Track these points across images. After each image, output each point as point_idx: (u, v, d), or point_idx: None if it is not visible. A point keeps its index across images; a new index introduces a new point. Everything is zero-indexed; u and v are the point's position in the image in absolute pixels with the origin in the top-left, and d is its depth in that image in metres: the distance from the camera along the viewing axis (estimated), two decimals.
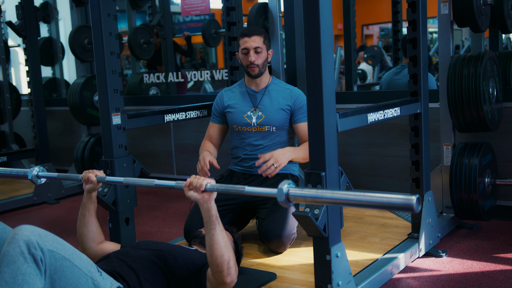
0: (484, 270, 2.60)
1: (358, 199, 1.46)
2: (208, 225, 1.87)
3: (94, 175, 2.16)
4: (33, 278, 1.47)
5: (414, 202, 1.34)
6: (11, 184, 4.98)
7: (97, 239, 2.23)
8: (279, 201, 1.59)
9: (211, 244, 1.85)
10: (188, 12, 4.63)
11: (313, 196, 1.55)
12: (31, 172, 2.23)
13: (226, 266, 1.85)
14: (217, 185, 1.83)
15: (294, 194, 1.57)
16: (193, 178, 1.85)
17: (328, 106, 2.01)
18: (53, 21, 5.60)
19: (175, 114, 3.00)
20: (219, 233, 1.87)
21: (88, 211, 2.21)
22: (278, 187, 1.59)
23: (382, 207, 1.43)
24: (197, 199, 1.85)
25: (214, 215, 1.87)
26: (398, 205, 1.38)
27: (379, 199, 1.41)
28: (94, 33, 2.55)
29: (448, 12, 3.08)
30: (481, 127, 2.98)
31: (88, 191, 2.20)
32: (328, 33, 1.99)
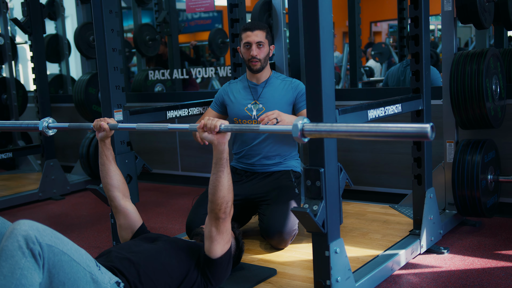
0: (485, 267, 2.60)
1: (373, 130, 1.46)
2: (217, 166, 1.92)
3: (106, 123, 2.17)
4: (31, 272, 1.49)
5: (428, 129, 1.35)
6: (17, 180, 5.03)
7: (122, 188, 2.25)
8: (294, 136, 1.60)
9: (217, 184, 1.92)
10: (192, 9, 4.63)
11: (327, 130, 1.56)
12: (42, 124, 2.22)
13: (225, 205, 1.94)
14: (231, 125, 1.87)
15: (309, 129, 1.58)
16: (207, 119, 1.89)
17: (327, 103, 2.01)
18: (59, 18, 5.63)
19: (178, 110, 3.01)
20: (226, 175, 1.93)
21: (106, 158, 2.23)
22: (293, 123, 1.59)
23: (396, 136, 1.44)
24: (212, 140, 1.89)
25: (225, 158, 1.92)
26: (412, 134, 1.39)
27: (393, 129, 1.42)
28: (96, 29, 2.57)
29: (451, 9, 3.07)
30: (483, 124, 2.97)
31: (101, 139, 2.22)
32: (327, 29, 2.00)
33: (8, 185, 4.82)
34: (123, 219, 2.24)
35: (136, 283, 1.84)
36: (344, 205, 3.50)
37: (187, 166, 4.87)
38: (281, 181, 2.88)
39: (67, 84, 5.85)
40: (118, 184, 2.24)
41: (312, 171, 2.03)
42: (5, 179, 5.08)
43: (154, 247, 2.01)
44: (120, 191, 2.25)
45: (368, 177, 3.92)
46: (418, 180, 2.84)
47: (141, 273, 1.87)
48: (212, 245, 1.98)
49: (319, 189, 2.02)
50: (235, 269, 2.41)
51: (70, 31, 6.86)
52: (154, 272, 1.90)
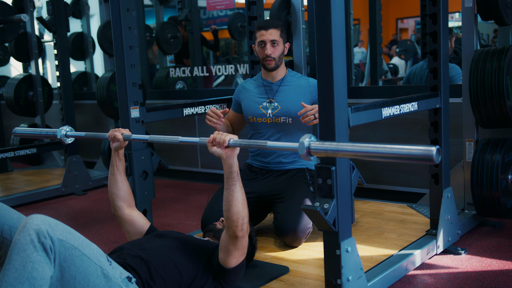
0: (503, 269, 2.55)
1: (378, 151, 1.48)
2: (229, 180, 1.93)
3: (120, 133, 2.22)
4: (42, 266, 1.53)
5: (434, 153, 1.36)
6: (41, 175, 5.14)
7: (128, 199, 2.29)
8: (300, 154, 1.61)
9: (230, 199, 1.92)
10: (213, 7, 4.65)
11: (334, 149, 1.58)
12: (60, 132, 2.29)
13: (241, 222, 1.92)
14: (240, 140, 1.89)
15: (315, 147, 1.60)
16: (216, 134, 1.91)
17: (339, 100, 2.00)
18: (84, 17, 5.73)
19: (194, 108, 3.03)
20: (239, 189, 1.93)
21: (117, 169, 2.28)
22: (300, 141, 1.61)
23: (401, 158, 1.45)
24: (221, 155, 1.91)
25: (236, 172, 1.93)
26: (417, 156, 1.41)
27: (399, 150, 1.44)
28: (113, 27, 2.61)
29: (472, 5, 3.02)
30: (504, 123, 2.91)
31: (115, 149, 2.27)
32: (339, 26, 1.98)
33: (33, 180, 4.93)
34: (129, 226, 2.28)
35: (148, 280, 1.87)
36: (361, 204, 3.48)
37: (206, 163, 4.90)
38: (296, 179, 2.87)
39: (91, 82, 5.95)
40: (124, 195, 2.28)
41: (323, 169, 2.02)
42: (30, 174, 5.20)
43: (165, 244, 2.03)
44: (125, 202, 2.28)
45: (386, 176, 3.88)
46: (435, 179, 2.81)
47: (152, 270, 1.89)
48: (227, 258, 1.99)
49: (330, 187, 2.01)
50: (248, 266, 2.42)
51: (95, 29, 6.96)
52: (164, 269, 1.92)
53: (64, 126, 2.30)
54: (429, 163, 1.36)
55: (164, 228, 3.52)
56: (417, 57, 9.02)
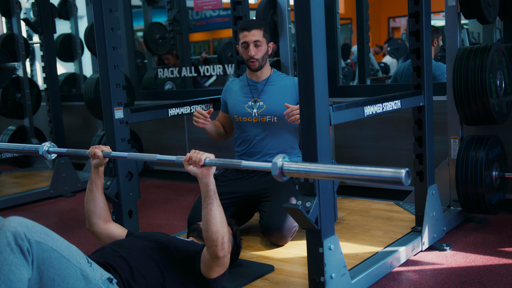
0: (487, 264, 2.57)
1: (349, 173, 1.50)
2: (205, 199, 1.91)
3: (100, 150, 2.21)
4: (20, 268, 1.52)
5: (403, 175, 1.37)
6: (30, 177, 5.12)
7: (104, 216, 2.28)
8: (273, 175, 1.62)
9: (208, 219, 1.89)
10: (200, 7, 4.66)
11: (306, 170, 1.59)
12: (42, 148, 2.29)
13: (221, 241, 1.89)
14: (216, 159, 1.87)
15: (288, 168, 1.60)
16: (193, 152, 1.90)
17: (320, 99, 2.01)
18: (72, 18, 5.71)
19: (179, 108, 3.03)
20: (216, 208, 1.90)
21: (95, 186, 2.26)
22: (273, 161, 1.61)
23: (372, 180, 1.47)
24: (196, 174, 1.89)
25: (212, 190, 1.90)
26: (387, 179, 1.42)
27: (369, 172, 1.45)
28: (96, 28, 2.60)
29: (455, 4, 3.03)
30: (488, 120, 2.93)
31: (95, 166, 2.26)
32: (319, 25, 1.99)
33: (21, 182, 4.91)
34: (107, 238, 2.26)
35: (129, 279, 1.87)
36: (348, 202, 3.49)
37: None
38: None
39: (80, 83, 5.93)
40: (100, 212, 2.26)
41: None
42: (18, 177, 5.18)
43: (148, 244, 2.03)
44: (101, 218, 2.27)
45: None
46: (420, 176, 2.82)
47: (133, 270, 1.89)
48: (209, 272, 1.97)
49: (312, 185, 2.02)
50: (233, 265, 2.42)
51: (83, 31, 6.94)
52: (146, 269, 1.92)
53: (46, 142, 2.30)
54: (399, 185, 1.38)
55: (153, 229, 3.52)
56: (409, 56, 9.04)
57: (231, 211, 2.89)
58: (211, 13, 11.75)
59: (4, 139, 5.37)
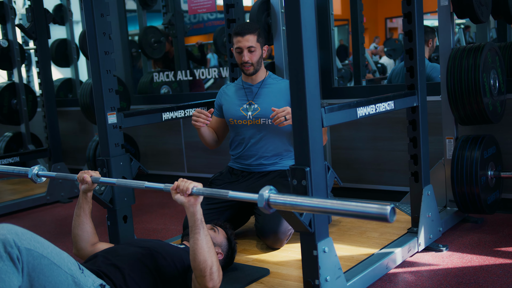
0: (483, 264, 2.56)
1: (335, 208, 1.51)
2: (192, 229, 1.88)
3: (89, 176, 2.20)
4: (9, 276, 1.51)
5: (388, 212, 1.37)
6: (26, 183, 5.10)
7: (91, 240, 2.26)
8: (259, 207, 1.61)
9: (195, 248, 1.86)
10: (194, 10, 4.65)
11: (292, 203, 1.59)
12: (31, 171, 2.29)
13: (209, 271, 1.86)
14: (203, 189, 1.86)
15: (274, 200, 1.61)
16: (180, 181, 1.88)
17: (312, 101, 2.00)
18: (67, 23, 5.70)
19: (173, 112, 3.03)
20: (203, 237, 1.88)
21: (83, 211, 2.25)
22: (259, 193, 1.60)
23: (357, 216, 1.48)
24: (183, 203, 1.87)
25: (199, 219, 1.88)
26: (373, 215, 1.42)
27: (355, 208, 1.46)
28: (88, 33, 2.60)
29: (447, 4, 3.03)
30: (482, 119, 2.93)
31: (83, 191, 2.24)
32: (310, 27, 1.99)
33: (17, 189, 4.90)
34: None
35: (122, 286, 1.86)
36: None
37: (193, 167, 4.89)
38: (277, 181, 2.87)
39: (76, 88, 5.92)
40: (87, 237, 2.25)
41: (298, 170, 2.02)
42: (15, 183, 5.17)
43: (141, 251, 2.02)
44: (88, 242, 2.25)
45: (371, 175, 3.89)
46: (415, 177, 2.82)
47: (126, 276, 1.88)
48: None
49: (305, 188, 2.01)
50: (228, 269, 2.41)
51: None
52: (139, 275, 1.91)
53: (35, 165, 2.30)
54: (384, 221, 1.38)
55: (149, 234, 3.51)
56: None
57: (226, 215, 2.88)
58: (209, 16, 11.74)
59: (1, 146, 5.36)
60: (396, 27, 15.19)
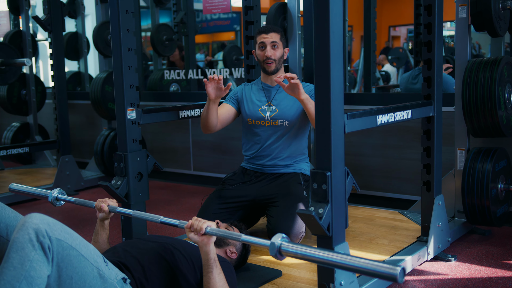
0: (492, 276, 2.59)
1: (346, 263, 1.50)
2: (206, 267, 1.92)
3: (107, 205, 2.20)
4: (40, 265, 1.53)
5: (397, 273, 1.37)
6: (33, 174, 5.12)
7: None
8: (271, 254, 1.63)
9: (209, 287, 1.91)
10: (209, 10, 4.67)
11: (304, 253, 1.59)
12: (52, 195, 2.29)
13: None
14: (216, 229, 1.87)
15: (286, 249, 1.60)
16: (194, 220, 1.90)
17: (336, 107, 2.03)
18: (79, 16, 5.72)
19: (190, 110, 3.05)
20: (216, 276, 1.92)
21: (100, 238, 2.24)
22: (271, 241, 1.61)
23: (367, 274, 1.46)
24: (197, 242, 1.90)
25: (212, 259, 1.91)
26: (382, 274, 1.42)
27: (366, 265, 1.45)
28: (112, 29, 2.62)
29: (466, 16, 3.07)
30: (495, 132, 2.96)
31: (100, 219, 2.23)
32: (337, 33, 2.01)
33: (24, 179, 4.91)
34: None
35: (142, 279, 1.88)
36: (353, 210, 3.51)
37: (199, 166, 4.91)
38: (290, 183, 2.90)
39: (85, 82, 5.94)
40: None
41: (319, 174, 2.05)
42: (21, 173, 5.18)
43: (160, 246, 2.05)
44: None
45: (378, 182, 3.92)
46: (427, 186, 2.84)
47: (146, 270, 1.90)
48: None
49: (325, 192, 2.03)
50: (241, 269, 2.43)
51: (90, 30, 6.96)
52: (158, 269, 1.94)
53: (56, 189, 2.29)
54: (393, 281, 1.39)
55: (157, 230, 3.52)
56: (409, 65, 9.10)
57: (238, 215, 2.91)
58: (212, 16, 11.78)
59: (8, 136, 5.38)
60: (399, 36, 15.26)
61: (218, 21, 12.36)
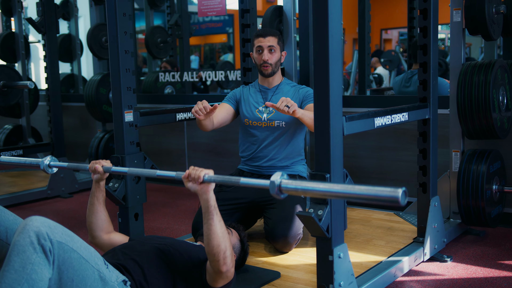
0: (488, 276, 2.62)
1: (347, 192, 1.50)
2: (206, 215, 1.91)
3: (101, 166, 2.22)
4: (42, 268, 1.53)
5: (399, 195, 1.36)
6: (26, 177, 5.09)
7: (106, 228, 2.28)
8: (271, 193, 1.63)
9: (209, 234, 1.90)
10: (204, 13, 4.68)
11: (303, 188, 1.59)
12: (43, 162, 2.30)
13: (222, 255, 1.89)
14: (215, 176, 1.87)
15: (286, 186, 1.60)
16: (192, 169, 1.89)
17: (335, 109, 2.04)
18: (72, 18, 5.71)
19: (187, 113, 3.05)
20: (217, 223, 1.91)
21: (97, 200, 2.27)
22: (271, 179, 1.62)
23: (369, 199, 1.46)
24: (196, 190, 1.89)
25: (212, 206, 1.91)
26: (384, 198, 1.41)
27: (366, 191, 1.44)
28: (109, 31, 2.62)
29: (460, 20, 3.10)
30: (490, 134, 2.99)
31: (96, 180, 2.26)
32: (336, 37, 2.03)
33: (17, 182, 4.89)
34: (110, 248, 2.25)
35: (142, 281, 1.88)
36: (349, 211, 3.53)
37: None
38: None
39: (78, 84, 5.92)
40: (102, 224, 2.27)
41: (318, 176, 2.06)
42: (14, 176, 5.15)
43: (158, 247, 2.05)
44: (103, 230, 2.27)
45: (375, 184, 3.90)
46: (423, 188, 2.87)
47: (145, 271, 1.90)
48: (214, 283, 1.98)
49: None
50: (240, 271, 2.44)
51: (82, 32, 6.94)
52: (158, 271, 1.94)
53: (47, 156, 2.30)
54: (395, 205, 1.39)
55: (154, 232, 3.52)
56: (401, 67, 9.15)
57: (235, 217, 2.91)
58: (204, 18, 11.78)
59: (0, 138, 5.35)
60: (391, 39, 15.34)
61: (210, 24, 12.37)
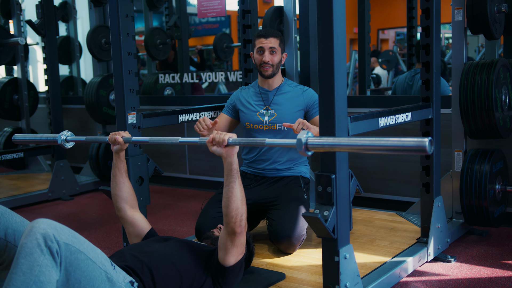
0: (492, 276, 2.62)
1: (374, 144, 1.52)
2: (228, 177, 1.95)
3: (121, 136, 2.23)
4: (49, 270, 1.52)
5: (426, 143, 1.39)
6: (26, 180, 5.08)
7: (130, 200, 2.30)
8: (298, 151, 1.64)
9: (230, 196, 1.94)
10: (204, 14, 4.68)
11: (330, 143, 1.61)
12: (60, 137, 2.29)
13: (240, 218, 1.95)
14: (239, 139, 1.92)
15: (312, 143, 1.62)
16: (216, 133, 1.94)
17: (340, 110, 2.04)
18: (71, 20, 5.69)
19: (189, 114, 3.05)
20: (238, 186, 1.95)
21: (118, 171, 2.29)
22: (297, 137, 1.63)
23: (396, 150, 1.49)
24: (221, 153, 1.93)
25: (235, 169, 1.95)
26: (411, 147, 1.44)
27: (393, 142, 1.47)
28: (112, 33, 2.61)
29: (462, 19, 3.10)
30: (492, 134, 2.99)
31: (116, 151, 2.28)
32: (341, 38, 2.03)
33: (17, 184, 4.87)
34: (131, 227, 2.30)
35: (149, 283, 1.87)
36: (352, 212, 3.52)
37: (195, 170, 4.90)
38: (290, 186, 2.91)
39: (78, 86, 5.91)
40: (126, 196, 2.29)
41: (324, 177, 2.06)
42: (15, 179, 5.13)
43: (165, 247, 2.04)
44: (128, 203, 2.29)
45: (376, 184, 3.94)
46: (426, 188, 2.86)
47: (153, 273, 1.90)
48: (226, 256, 2.01)
49: (330, 195, 2.05)
50: (245, 272, 2.43)
51: (80, 34, 6.92)
52: (165, 272, 1.93)
53: (64, 131, 2.29)
54: (422, 153, 1.41)
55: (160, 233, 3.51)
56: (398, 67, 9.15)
57: None
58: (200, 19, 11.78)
59: (0, 141, 5.33)
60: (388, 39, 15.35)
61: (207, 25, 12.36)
